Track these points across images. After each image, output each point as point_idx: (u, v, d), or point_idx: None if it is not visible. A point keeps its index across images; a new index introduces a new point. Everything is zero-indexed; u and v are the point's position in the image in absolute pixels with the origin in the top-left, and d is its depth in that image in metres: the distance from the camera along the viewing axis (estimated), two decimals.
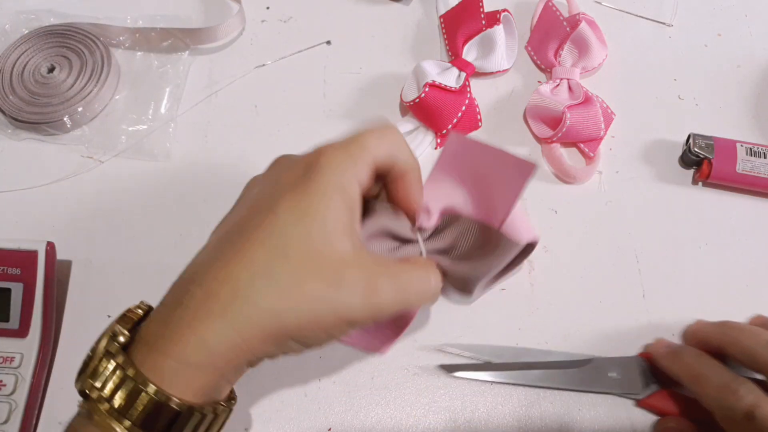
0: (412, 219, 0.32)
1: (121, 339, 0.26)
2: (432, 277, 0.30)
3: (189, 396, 0.25)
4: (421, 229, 0.32)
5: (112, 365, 0.25)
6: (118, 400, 0.25)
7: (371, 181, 0.29)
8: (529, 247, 0.32)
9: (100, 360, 0.26)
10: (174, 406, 0.25)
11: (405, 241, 0.32)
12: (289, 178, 0.27)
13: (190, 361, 0.25)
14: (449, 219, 0.33)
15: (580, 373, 0.37)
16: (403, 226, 0.32)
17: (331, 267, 0.26)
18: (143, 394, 0.25)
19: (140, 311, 0.28)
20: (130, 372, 0.25)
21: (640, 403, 0.37)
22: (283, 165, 0.30)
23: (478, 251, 0.32)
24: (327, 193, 0.26)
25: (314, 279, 0.26)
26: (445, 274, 0.32)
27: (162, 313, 0.27)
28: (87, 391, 0.25)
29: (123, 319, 0.27)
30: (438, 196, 0.33)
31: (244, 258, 0.26)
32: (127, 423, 0.25)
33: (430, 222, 0.32)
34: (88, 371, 0.26)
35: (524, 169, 0.29)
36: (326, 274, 0.26)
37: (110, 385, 0.25)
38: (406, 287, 0.28)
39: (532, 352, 0.38)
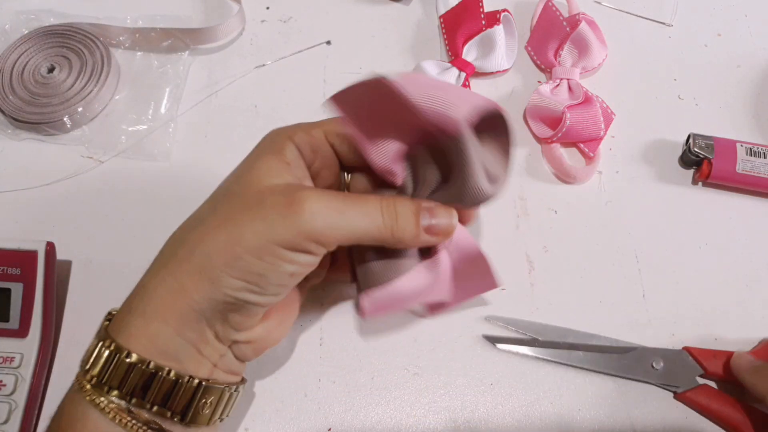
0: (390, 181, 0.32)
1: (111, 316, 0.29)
2: (385, 213, 0.28)
3: (145, 352, 0.26)
4: (400, 188, 0.32)
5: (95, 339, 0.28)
6: (89, 364, 0.27)
7: (320, 142, 0.31)
8: (497, 119, 0.29)
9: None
10: (124, 357, 0.26)
11: None
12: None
13: (136, 311, 0.27)
14: (410, 160, 0.32)
15: (623, 359, 0.37)
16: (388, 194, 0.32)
17: (254, 196, 0.27)
18: (103, 349, 0.27)
19: None
20: (100, 335, 0.27)
21: (678, 396, 0.37)
22: None
23: (446, 164, 0.30)
24: (260, 153, 0.30)
25: (236, 209, 0.27)
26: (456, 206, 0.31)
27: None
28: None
29: None
30: (381, 150, 0.31)
31: (192, 219, 0.29)
32: (89, 376, 0.26)
33: (399, 176, 0.31)
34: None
35: (379, 85, 0.27)
36: (248, 202, 0.27)
37: (87, 353, 0.28)
38: (344, 211, 0.27)
39: (577, 334, 0.39)
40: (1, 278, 0.37)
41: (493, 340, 0.38)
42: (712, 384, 0.37)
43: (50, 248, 0.37)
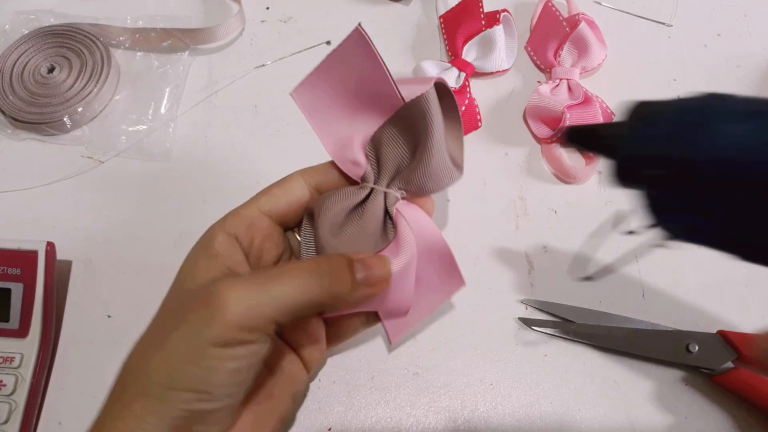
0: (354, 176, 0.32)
1: None
2: (316, 273, 0.27)
3: None
4: (363, 178, 0.31)
5: None
6: None
7: (254, 218, 0.30)
8: (443, 90, 0.30)
9: None
10: None
11: (366, 198, 0.31)
12: None
13: None
14: (373, 145, 0.31)
15: (659, 342, 0.38)
16: (353, 191, 0.31)
17: (178, 304, 0.27)
18: None
19: None
20: None
21: (714, 379, 0.37)
22: None
23: (411, 140, 0.30)
24: (188, 256, 0.29)
25: (165, 321, 0.27)
26: (416, 191, 0.31)
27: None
28: None
29: None
30: (345, 143, 0.31)
31: (138, 340, 0.27)
32: None
33: (360, 165, 0.31)
34: None
35: (357, 41, 0.31)
36: (173, 311, 0.27)
37: None
38: (268, 286, 0.26)
39: (612, 317, 0.39)
40: (1, 278, 0.37)
41: (529, 323, 0.39)
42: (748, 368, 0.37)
43: (50, 248, 0.37)
